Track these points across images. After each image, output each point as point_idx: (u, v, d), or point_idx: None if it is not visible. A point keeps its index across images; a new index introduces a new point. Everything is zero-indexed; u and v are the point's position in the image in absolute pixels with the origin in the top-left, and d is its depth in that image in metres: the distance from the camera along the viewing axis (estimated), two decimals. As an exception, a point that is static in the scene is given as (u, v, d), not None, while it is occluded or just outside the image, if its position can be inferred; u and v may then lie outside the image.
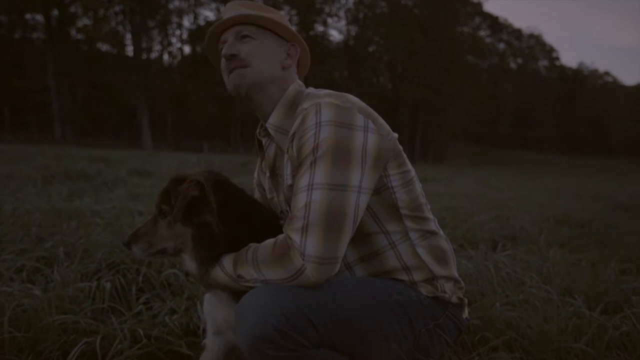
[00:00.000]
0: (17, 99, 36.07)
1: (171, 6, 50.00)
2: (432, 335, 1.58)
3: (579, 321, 2.03)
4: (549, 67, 66.14)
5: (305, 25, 54.15)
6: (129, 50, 47.26)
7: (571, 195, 11.28)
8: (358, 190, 1.43)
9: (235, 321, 1.37)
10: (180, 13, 51.86)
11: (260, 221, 1.55)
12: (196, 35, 52.34)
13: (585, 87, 69.66)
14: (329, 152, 1.42)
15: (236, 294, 1.48)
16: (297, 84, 1.71)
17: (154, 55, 51.71)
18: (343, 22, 55.27)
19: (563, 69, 67.27)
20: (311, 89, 1.71)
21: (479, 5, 59.64)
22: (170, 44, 54.00)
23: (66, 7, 38.91)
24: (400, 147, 1.63)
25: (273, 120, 1.65)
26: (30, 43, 41.83)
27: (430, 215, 1.69)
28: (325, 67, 56.04)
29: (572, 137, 68.48)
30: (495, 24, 61.99)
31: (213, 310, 1.59)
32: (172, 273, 2.68)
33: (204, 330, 1.76)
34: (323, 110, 1.47)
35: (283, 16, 1.75)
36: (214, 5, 50.92)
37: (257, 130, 1.80)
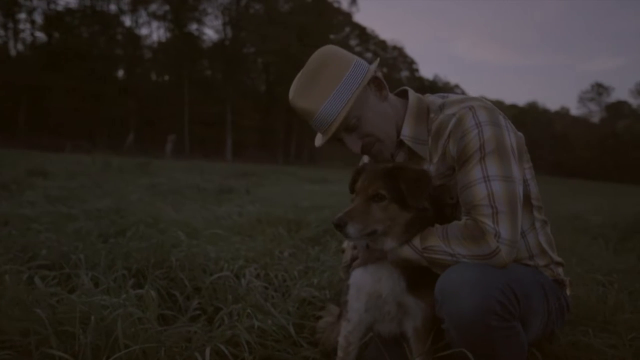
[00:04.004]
0: None
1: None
2: (557, 312, 1.79)
3: None
4: (409, 77, 72.06)
5: (179, 22, 52.04)
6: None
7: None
8: (519, 182, 1.62)
9: (445, 297, 1.47)
10: (33, -4, 46.29)
11: (443, 206, 1.71)
12: (53, 22, 47.23)
13: (439, 97, 77.02)
14: (496, 149, 1.59)
15: (405, 270, 1.63)
16: (413, 96, 1.82)
17: (-1, 41, 45.46)
18: (219, 22, 54.18)
19: (421, 80, 73.85)
20: (434, 97, 1.83)
21: (349, 15, 62.91)
22: (19, 30, 47.86)
23: None
24: None
25: (407, 132, 1.76)
26: None
27: None
28: (197, 66, 54.46)
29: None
30: (363, 34, 65.83)
31: (375, 284, 1.68)
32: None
33: (345, 302, 1.79)
34: (478, 112, 1.64)
35: (340, 57, 1.73)
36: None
37: None
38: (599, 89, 75.21)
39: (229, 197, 7.57)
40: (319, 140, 1.82)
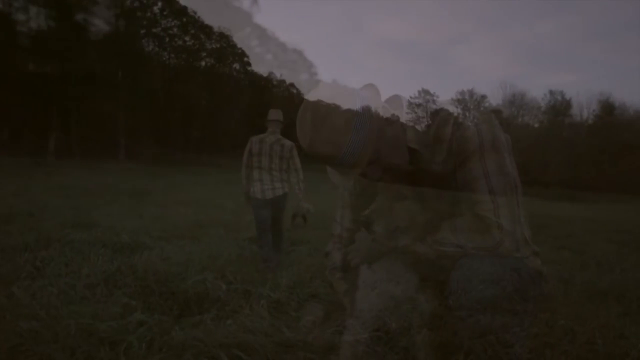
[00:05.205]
0: None
1: None
2: (538, 301, 1.96)
3: None
4: (309, 80, 73.49)
5: (63, 10, 47.72)
6: None
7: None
8: (512, 174, 1.75)
9: (461, 285, 1.56)
10: None
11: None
12: None
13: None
14: (492, 145, 1.71)
15: (417, 267, 1.72)
16: (405, 102, 1.89)
17: None
18: (111, 13, 50.61)
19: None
20: (427, 105, 1.92)
21: (249, 15, 62.53)
22: None
23: None
24: None
25: (411, 137, 1.79)
26: None
27: None
28: (85, 59, 50.35)
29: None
30: (263, 36, 65.76)
31: (389, 284, 1.74)
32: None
33: (352, 301, 1.79)
34: (473, 111, 1.75)
35: (342, 96, 1.67)
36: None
37: None
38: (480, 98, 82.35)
39: (149, 198, 7.15)
40: (337, 177, 1.81)
